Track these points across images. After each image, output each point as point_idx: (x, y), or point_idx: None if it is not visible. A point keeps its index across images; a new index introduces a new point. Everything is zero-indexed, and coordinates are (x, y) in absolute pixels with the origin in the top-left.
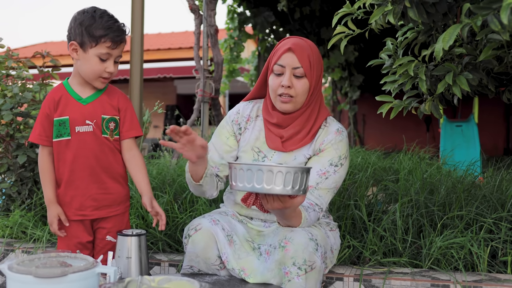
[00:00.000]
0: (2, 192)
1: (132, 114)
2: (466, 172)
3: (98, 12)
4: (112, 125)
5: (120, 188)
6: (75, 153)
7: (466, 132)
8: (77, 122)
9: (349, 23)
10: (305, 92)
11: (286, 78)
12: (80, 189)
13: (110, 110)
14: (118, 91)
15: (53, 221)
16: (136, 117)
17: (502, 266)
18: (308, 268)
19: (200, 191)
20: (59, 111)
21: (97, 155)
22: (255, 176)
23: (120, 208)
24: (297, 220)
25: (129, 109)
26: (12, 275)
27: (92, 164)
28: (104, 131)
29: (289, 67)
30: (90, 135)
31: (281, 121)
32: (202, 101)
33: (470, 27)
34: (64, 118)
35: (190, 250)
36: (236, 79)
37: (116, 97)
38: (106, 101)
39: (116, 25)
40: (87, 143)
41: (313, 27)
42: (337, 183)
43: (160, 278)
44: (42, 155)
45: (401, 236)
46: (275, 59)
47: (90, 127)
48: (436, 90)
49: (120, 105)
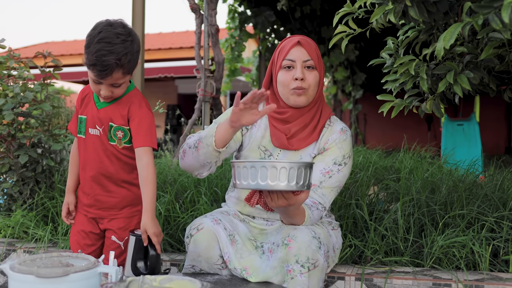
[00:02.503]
0: (3, 192)
1: (140, 124)
2: (468, 171)
3: (101, 34)
4: (120, 133)
5: (125, 192)
6: (86, 152)
7: (468, 131)
8: (90, 124)
9: (350, 22)
10: (316, 84)
11: (298, 70)
12: (86, 188)
13: (118, 119)
14: (134, 100)
15: (63, 209)
16: (147, 127)
17: (504, 265)
18: (311, 266)
19: (202, 162)
20: (82, 108)
21: (102, 159)
22: (259, 173)
23: (125, 212)
24: (300, 218)
25: (137, 119)
26: (14, 275)
27: (96, 167)
28: (111, 139)
29: (300, 60)
30: (98, 139)
31: (289, 116)
32: (203, 101)
33: (471, 26)
34: (83, 117)
35: (192, 249)
36: (237, 78)
37: (127, 107)
38: (117, 110)
39: (102, 61)
40: (95, 146)
41: (313, 26)
42: (340, 182)
43: (161, 278)
44: (73, 145)
45: (403, 235)
46: (282, 55)
47: (98, 131)
48: (437, 89)
49: (130, 115)
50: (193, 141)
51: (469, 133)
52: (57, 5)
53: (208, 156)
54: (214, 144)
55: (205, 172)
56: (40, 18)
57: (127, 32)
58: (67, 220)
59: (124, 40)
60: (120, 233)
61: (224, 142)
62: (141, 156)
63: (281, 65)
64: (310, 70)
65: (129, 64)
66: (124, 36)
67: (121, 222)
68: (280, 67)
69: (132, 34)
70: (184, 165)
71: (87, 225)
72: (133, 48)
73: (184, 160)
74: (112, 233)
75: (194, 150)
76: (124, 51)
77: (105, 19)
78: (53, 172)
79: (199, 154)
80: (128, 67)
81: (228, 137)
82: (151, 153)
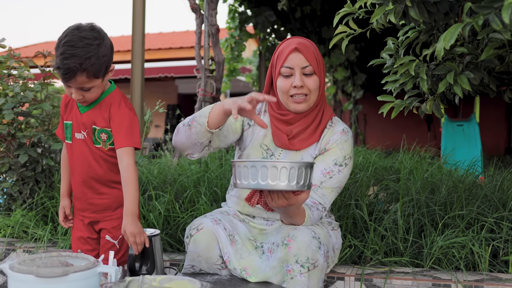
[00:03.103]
0: (3, 192)
1: (120, 124)
2: (467, 172)
3: (67, 37)
4: (104, 136)
5: (116, 193)
6: (73, 157)
7: (468, 132)
8: (75, 128)
9: (350, 22)
10: (316, 88)
11: (297, 78)
12: (78, 193)
13: (101, 122)
14: (113, 101)
15: (60, 213)
16: (127, 127)
17: (503, 266)
18: (311, 266)
19: (194, 141)
20: (67, 114)
21: (90, 163)
22: (260, 172)
23: (119, 212)
24: (300, 218)
25: (117, 119)
26: (13, 274)
27: (84, 171)
28: (96, 141)
29: (298, 67)
30: (83, 143)
31: (291, 118)
32: (203, 101)
33: (471, 27)
34: (68, 122)
35: (191, 249)
36: (237, 78)
37: (108, 108)
38: (99, 112)
39: (64, 64)
40: (82, 150)
41: (314, 26)
42: (341, 183)
43: (161, 278)
44: (63, 151)
45: (402, 235)
46: (281, 61)
47: (82, 135)
48: (437, 89)
49: (110, 116)
50: (187, 120)
51: (469, 133)
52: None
53: (200, 135)
54: (206, 124)
55: (196, 153)
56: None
57: (93, 36)
58: (65, 224)
59: (88, 44)
60: (114, 232)
61: (217, 124)
62: (121, 157)
63: (280, 72)
64: (309, 77)
65: (93, 68)
66: (89, 40)
67: (114, 221)
68: (279, 73)
69: (99, 38)
70: (176, 142)
71: (85, 231)
72: (98, 51)
73: (177, 137)
74: (106, 232)
75: (187, 128)
76: (86, 55)
77: (78, 22)
78: (53, 172)
79: (191, 133)
80: (92, 71)
81: (221, 120)
82: (132, 153)
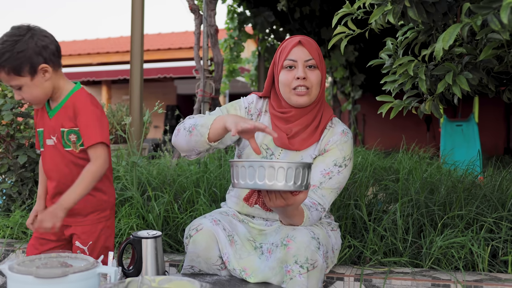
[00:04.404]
0: (2, 193)
1: (87, 122)
2: (466, 172)
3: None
4: (73, 137)
5: (86, 197)
6: (46, 165)
7: (467, 132)
8: (46, 135)
9: (349, 23)
10: (318, 83)
11: (300, 70)
12: (51, 198)
13: (67, 122)
14: (77, 99)
15: (30, 215)
16: (93, 123)
17: (502, 266)
18: (310, 266)
19: (192, 147)
20: (38, 122)
21: (60, 169)
22: (257, 172)
23: (90, 219)
24: (299, 219)
25: (84, 118)
26: (12, 275)
27: (56, 177)
28: (66, 144)
29: (301, 60)
30: (54, 149)
31: (291, 116)
32: (202, 101)
33: (470, 27)
34: (40, 130)
35: (191, 250)
36: (236, 79)
37: (72, 107)
38: (64, 113)
39: None
40: (52, 156)
41: (313, 27)
42: (340, 183)
43: (160, 278)
44: (40, 158)
45: (402, 235)
46: (284, 55)
47: (52, 141)
48: (436, 89)
49: (76, 114)
50: (189, 125)
51: (468, 133)
52: (55, 6)
53: (198, 144)
54: (207, 136)
55: (193, 155)
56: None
57: (13, 33)
58: (31, 226)
59: (5, 41)
60: (84, 238)
61: (217, 137)
62: (91, 154)
63: (283, 65)
64: (312, 70)
65: (9, 64)
66: (6, 37)
67: (85, 227)
68: (282, 67)
69: (18, 35)
70: (175, 143)
71: (51, 235)
72: (13, 48)
73: (177, 138)
74: (76, 238)
75: (187, 133)
76: (1, 51)
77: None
78: None
79: (191, 140)
80: (8, 67)
81: (221, 133)
82: (103, 149)
